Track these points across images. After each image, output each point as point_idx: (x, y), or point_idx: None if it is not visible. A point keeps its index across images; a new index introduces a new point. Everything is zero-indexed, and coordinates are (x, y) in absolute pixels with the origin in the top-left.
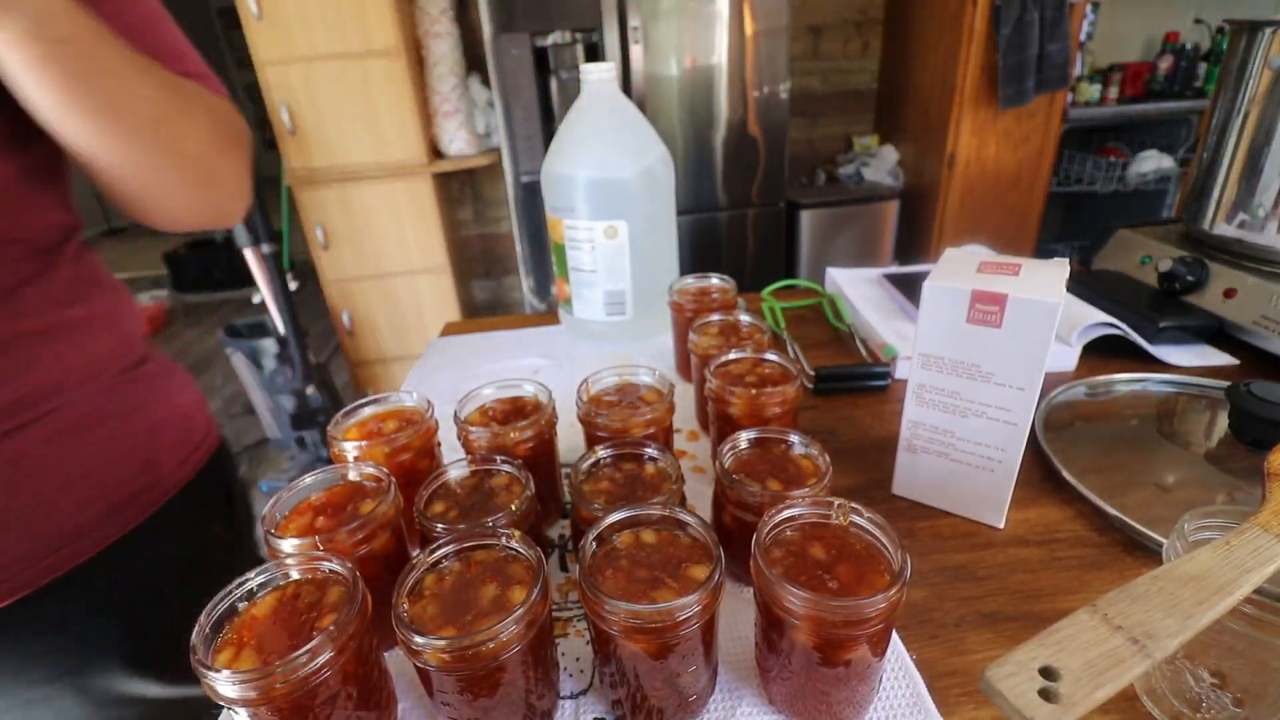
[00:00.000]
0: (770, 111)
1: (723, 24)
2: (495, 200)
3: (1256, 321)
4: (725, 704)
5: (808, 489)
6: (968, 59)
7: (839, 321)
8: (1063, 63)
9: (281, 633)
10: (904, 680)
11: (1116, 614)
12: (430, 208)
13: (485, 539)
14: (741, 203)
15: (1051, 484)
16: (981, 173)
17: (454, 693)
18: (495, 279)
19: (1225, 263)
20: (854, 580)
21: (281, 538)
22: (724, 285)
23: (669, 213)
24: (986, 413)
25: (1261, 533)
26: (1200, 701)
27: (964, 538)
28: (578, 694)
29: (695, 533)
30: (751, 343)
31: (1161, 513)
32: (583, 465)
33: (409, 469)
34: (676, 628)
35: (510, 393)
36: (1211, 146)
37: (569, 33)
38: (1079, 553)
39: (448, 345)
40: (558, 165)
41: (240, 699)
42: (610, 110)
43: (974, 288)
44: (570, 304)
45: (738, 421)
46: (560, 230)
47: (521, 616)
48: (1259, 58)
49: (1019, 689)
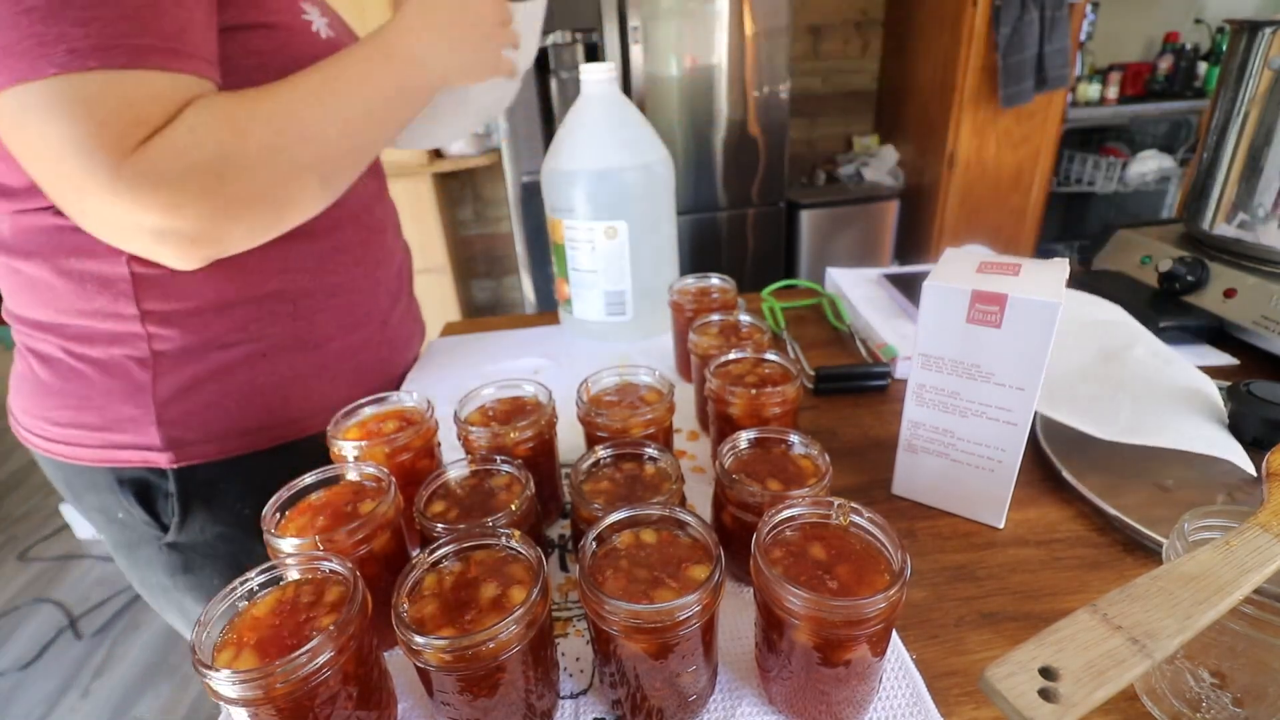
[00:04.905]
0: (770, 111)
1: (723, 24)
2: (495, 200)
3: (1256, 321)
4: (725, 704)
5: (808, 489)
6: (968, 59)
7: (839, 321)
8: (1063, 63)
9: (281, 633)
10: (904, 680)
11: (1116, 614)
12: (430, 208)
13: (485, 539)
14: (741, 203)
15: (1051, 484)
16: (981, 173)
17: (454, 693)
18: (495, 279)
19: (1225, 263)
20: (854, 580)
21: (281, 537)
22: (724, 285)
23: (669, 213)
24: (986, 413)
25: (1261, 533)
26: (1200, 701)
27: (964, 538)
28: (578, 694)
29: (695, 533)
30: (751, 343)
31: (1161, 513)
32: (583, 465)
33: (409, 469)
34: (676, 628)
35: (510, 393)
36: (1211, 146)
37: (569, 33)
38: (1079, 553)
39: (448, 345)
40: (558, 165)
41: (240, 699)
42: (610, 110)
43: (974, 288)
44: (570, 304)
45: (738, 421)
46: (560, 230)
47: (521, 616)
48: (1259, 58)
49: (1019, 689)
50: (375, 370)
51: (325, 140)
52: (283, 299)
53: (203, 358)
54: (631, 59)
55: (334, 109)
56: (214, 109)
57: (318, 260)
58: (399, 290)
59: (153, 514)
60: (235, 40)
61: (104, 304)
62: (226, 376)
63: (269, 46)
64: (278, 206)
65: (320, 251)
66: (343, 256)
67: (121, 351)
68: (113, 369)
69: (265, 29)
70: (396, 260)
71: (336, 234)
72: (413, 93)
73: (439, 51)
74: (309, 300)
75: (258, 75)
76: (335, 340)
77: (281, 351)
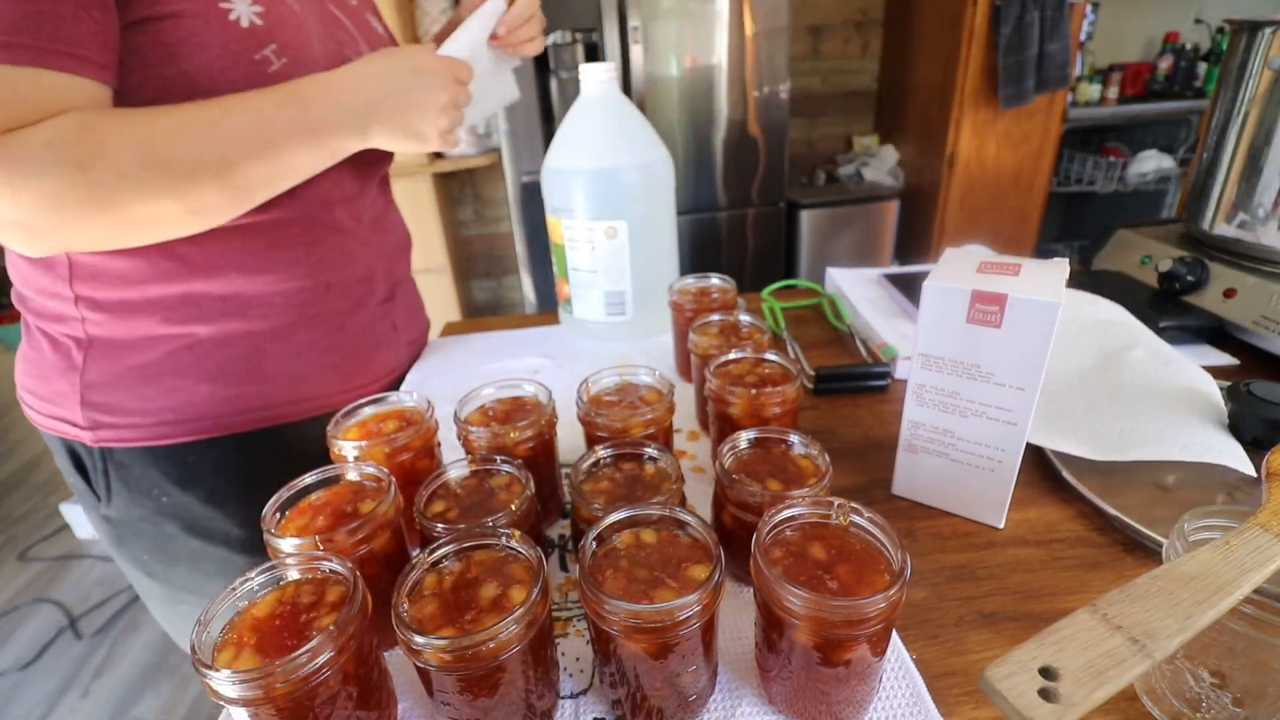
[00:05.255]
0: (770, 111)
1: (723, 24)
2: (495, 200)
3: (1256, 321)
4: (725, 704)
5: (808, 489)
6: (968, 59)
7: (839, 321)
8: (1063, 63)
9: (281, 633)
10: (904, 680)
11: (1116, 614)
12: (430, 208)
13: (485, 539)
14: (741, 203)
15: (1051, 484)
16: (981, 173)
17: (454, 693)
18: (495, 279)
19: (1225, 263)
20: (854, 580)
21: (281, 537)
22: (724, 285)
23: (669, 213)
24: (986, 413)
25: (1261, 533)
26: (1200, 701)
27: (964, 538)
28: (578, 694)
29: (695, 533)
30: (751, 343)
31: (1161, 513)
32: (583, 465)
33: (409, 469)
34: (676, 628)
35: (510, 393)
36: (1211, 146)
37: (569, 33)
38: (1079, 553)
39: (448, 345)
40: (557, 165)
41: (240, 699)
42: (610, 111)
43: (974, 288)
44: (570, 304)
45: (738, 421)
46: (560, 231)
47: (521, 616)
48: (1259, 58)
49: (1019, 689)
50: (323, 374)
51: (195, 177)
52: (214, 295)
53: (130, 346)
54: (631, 59)
55: (215, 148)
56: (83, 123)
57: (255, 257)
58: (365, 295)
59: (90, 484)
60: (144, 33)
61: (49, 284)
62: (151, 367)
63: (174, 38)
64: (129, 224)
65: (257, 249)
66: (282, 255)
67: (64, 330)
68: (59, 345)
69: (173, 19)
70: (362, 264)
71: (277, 232)
72: (319, 151)
73: (363, 119)
74: (240, 298)
75: (166, 68)
76: (270, 341)
77: (209, 347)
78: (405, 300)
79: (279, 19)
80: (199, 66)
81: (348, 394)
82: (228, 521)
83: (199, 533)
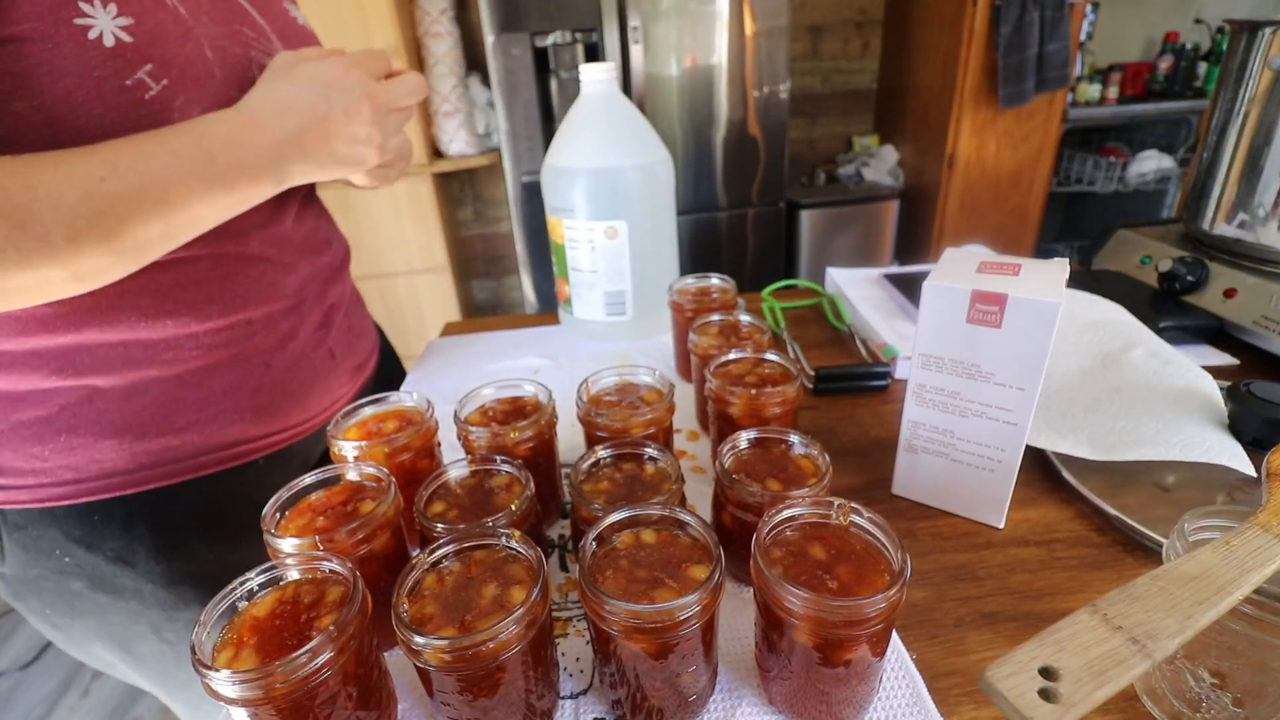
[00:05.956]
0: (770, 111)
1: (723, 24)
2: (495, 200)
3: (1256, 321)
4: (725, 704)
5: (808, 489)
6: (968, 59)
7: (839, 321)
8: (1063, 63)
9: (281, 633)
10: (904, 680)
11: (1116, 614)
12: (430, 208)
13: (485, 539)
14: (741, 203)
15: (1051, 484)
16: (981, 173)
17: (454, 693)
18: (495, 279)
19: (1225, 263)
20: (854, 580)
21: (281, 537)
22: (724, 285)
23: (669, 213)
24: (986, 413)
25: (1261, 533)
26: (1200, 701)
27: (964, 538)
28: (578, 694)
29: (695, 533)
30: (751, 343)
31: (1161, 513)
32: (583, 465)
33: (409, 469)
34: (676, 628)
35: (510, 393)
36: (1211, 146)
37: (569, 33)
38: (1079, 553)
39: (448, 345)
40: (558, 165)
41: (240, 699)
42: (610, 111)
43: (974, 288)
44: (570, 304)
45: (738, 421)
46: (560, 230)
47: (521, 616)
48: (1259, 58)
49: (1019, 689)
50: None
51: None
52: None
53: (15, 401)
54: (631, 59)
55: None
56: None
57: (159, 299)
58: (294, 328)
59: None
60: None
61: None
62: (42, 424)
63: (20, 67)
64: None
65: (162, 289)
66: (190, 294)
67: None
68: None
69: (15, 44)
70: (289, 294)
71: (183, 270)
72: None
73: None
74: (144, 344)
75: (15, 102)
76: (182, 388)
77: (112, 399)
78: (345, 323)
79: (154, 31)
80: (56, 98)
81: (279, 436)
82: (139, 579)
83: (107, 589)
